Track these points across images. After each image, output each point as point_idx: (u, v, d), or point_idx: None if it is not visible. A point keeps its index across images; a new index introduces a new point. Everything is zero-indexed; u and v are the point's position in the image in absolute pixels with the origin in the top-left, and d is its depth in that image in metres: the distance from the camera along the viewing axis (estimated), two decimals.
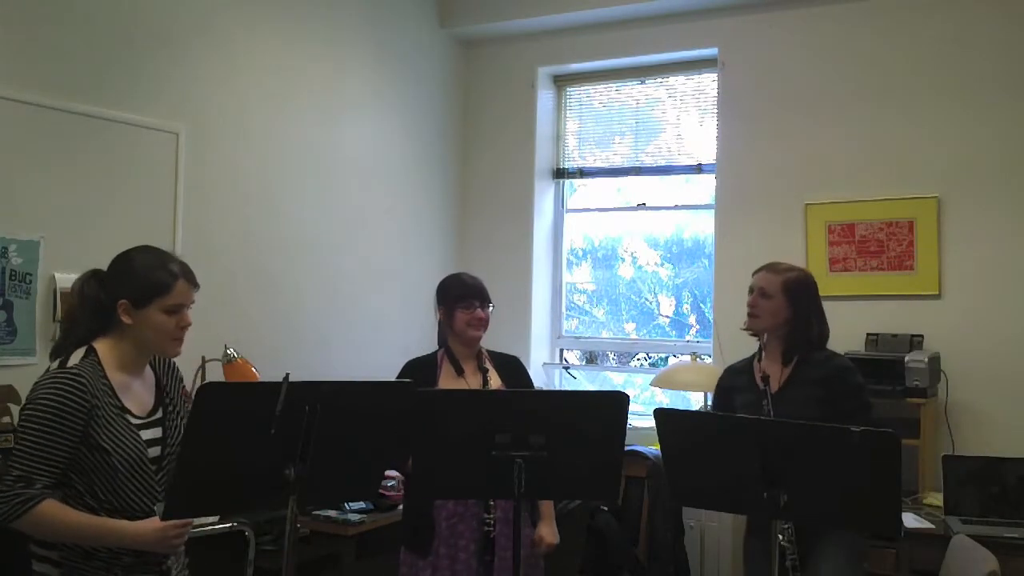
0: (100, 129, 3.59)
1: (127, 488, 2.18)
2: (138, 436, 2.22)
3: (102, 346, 2.22)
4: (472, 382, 3.15)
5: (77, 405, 2.11)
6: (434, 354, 3.26)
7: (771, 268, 3.09)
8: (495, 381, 3.18)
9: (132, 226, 3.65)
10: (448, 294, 3.22)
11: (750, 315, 3.06)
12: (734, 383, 3.14)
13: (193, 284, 2.29)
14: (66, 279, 3.39)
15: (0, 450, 3.00)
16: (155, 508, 2.30)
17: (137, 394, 2.28)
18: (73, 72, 3.51)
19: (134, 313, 2.21)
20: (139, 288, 2.21)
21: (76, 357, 2.20)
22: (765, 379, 2.81)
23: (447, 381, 3.17)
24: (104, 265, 2.30)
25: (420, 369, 3.18)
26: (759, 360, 3.07)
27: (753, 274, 3.13)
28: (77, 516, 2.11)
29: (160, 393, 2.34)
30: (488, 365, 3.19)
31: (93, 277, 2.27)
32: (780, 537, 2.78)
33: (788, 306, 3.00)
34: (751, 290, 3.08)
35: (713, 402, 3.29)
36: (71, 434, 2.10)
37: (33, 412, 2.10)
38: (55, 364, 2.22)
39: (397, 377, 3.18)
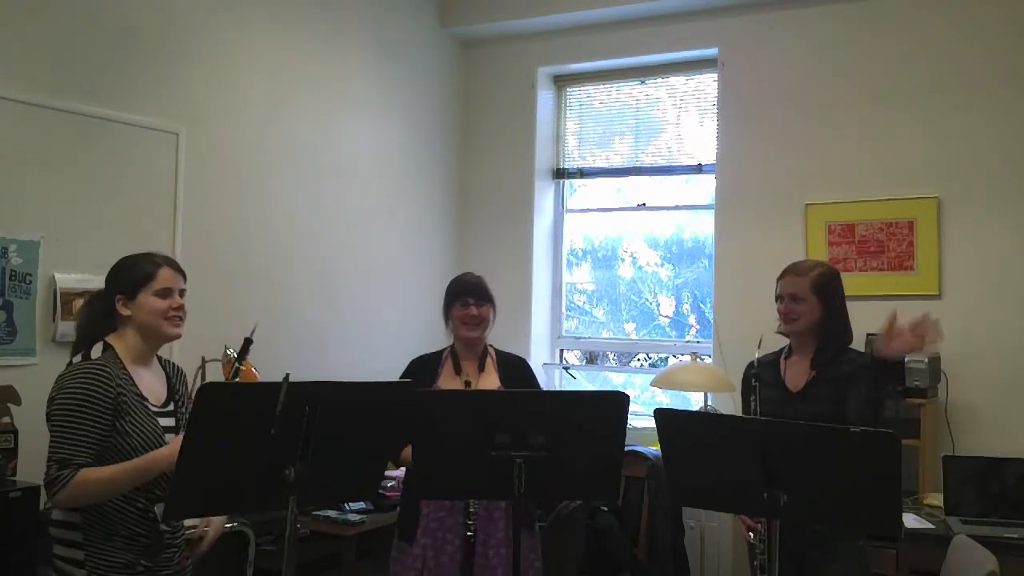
0: (100, 129, 3.59)
1: None
2: (156, 422, 2.40)
3: (115, 340, 2.43)
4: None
5: (104, 394, 2.29)
6: (440, 352, 3.28)
7: (795, 271, 3.04)
8: (490, 381, 3.18)
9: (132, 226, 3.66)
10: (448, 292, 3.26)
11: (787, 320, 3.02)
12: (760, 375, 3.04)
13: (178, 271, 2.49)
14: (66, 279, 3.40)
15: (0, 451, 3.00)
16: (155, 509, 2.32)
17: (150, 385, 2.46)
18: (73, 72, 3.51)
19: (130, 304, 2.42)
20: (128, 281, 2.44)
21: (97, 351, 2.40)
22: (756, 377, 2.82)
23: (447, 379, 3.19)
24: (104, 264, 2.51)
25: (423, 366, 3.22)
26: (786, 358, 3.07)
27: (778, 280, 3.07)
28: (111, 468, 2.27)
29: (170, 387, 2.53)
30: (490, 364, 3.19)
31: (95, 296, 2.52)
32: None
33: (820, 305, 2.99)
34: (779, 298, 3.03)
35: (741, 395, 3.20)
36: (101, 419, 2.28)
37: (63, 402, 2.28)
38: (77, 358, 2.40)
39: (402, 373, 3.22)
